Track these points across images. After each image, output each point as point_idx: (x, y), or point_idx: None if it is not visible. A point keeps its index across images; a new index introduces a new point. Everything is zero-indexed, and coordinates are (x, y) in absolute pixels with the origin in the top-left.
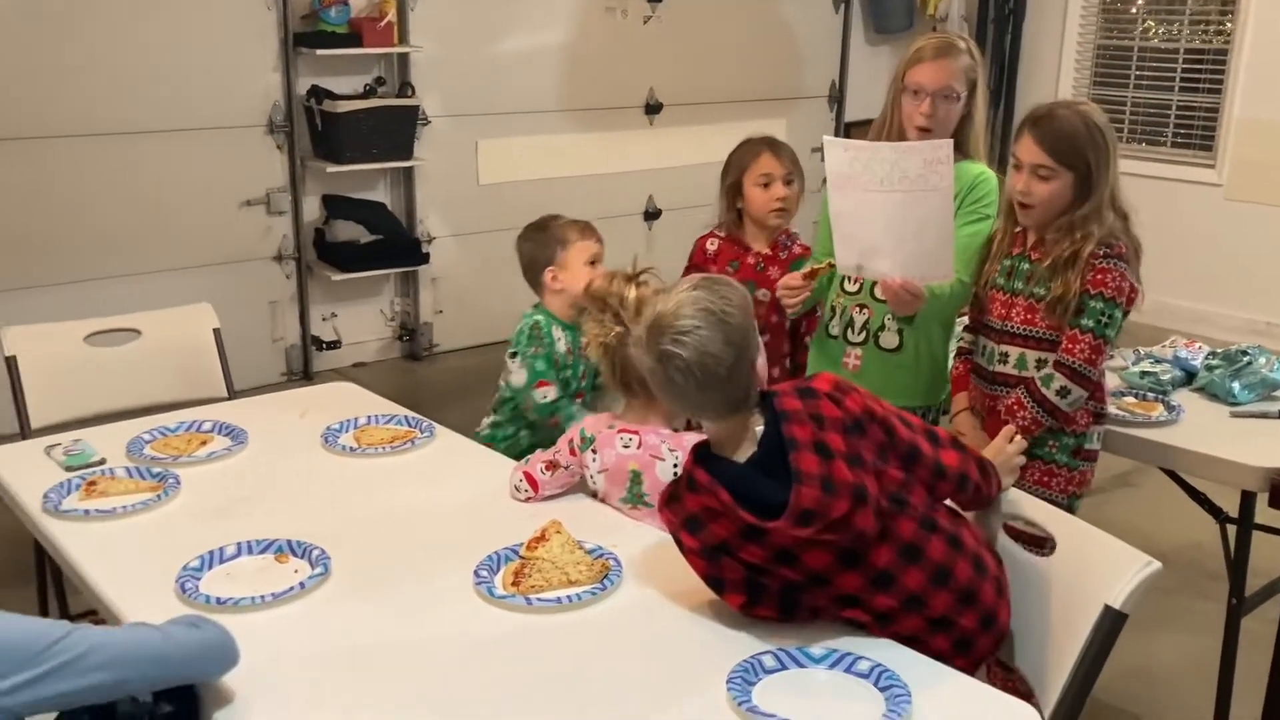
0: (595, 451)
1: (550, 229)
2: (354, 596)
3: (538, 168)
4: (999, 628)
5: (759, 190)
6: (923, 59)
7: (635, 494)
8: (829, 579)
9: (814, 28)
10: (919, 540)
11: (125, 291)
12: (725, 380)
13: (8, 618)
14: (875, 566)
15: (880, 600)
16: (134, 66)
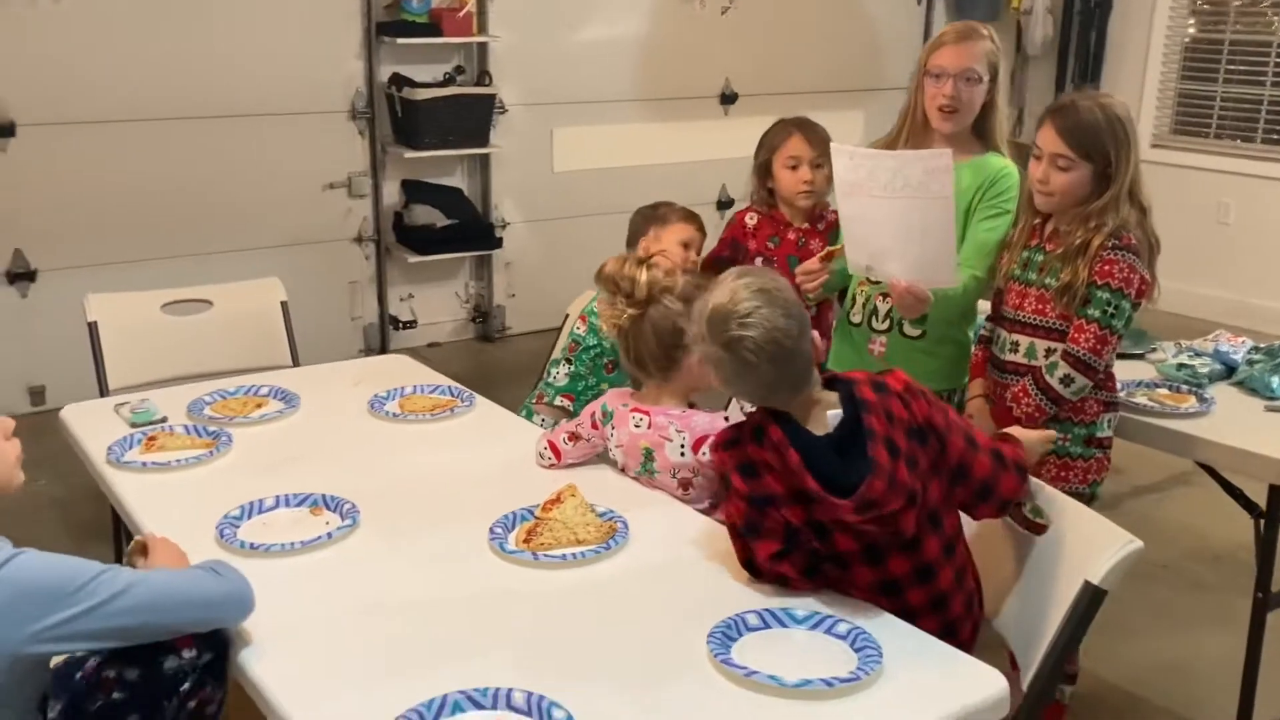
0: (614, 427)
1: (658, 208)
2: (376, 548)
3: (611, 156)
4: (957, 641)
5: (787, 172)
6: (944, 43)
7: (648, 469)
8: (847, 564)
9: (895, 19)
10: (936, 564)
11: (212, 269)
12: (793, 354)
13: (46, 557)
14: (890, 572)
15: (881, 599)
16: (225, 54)
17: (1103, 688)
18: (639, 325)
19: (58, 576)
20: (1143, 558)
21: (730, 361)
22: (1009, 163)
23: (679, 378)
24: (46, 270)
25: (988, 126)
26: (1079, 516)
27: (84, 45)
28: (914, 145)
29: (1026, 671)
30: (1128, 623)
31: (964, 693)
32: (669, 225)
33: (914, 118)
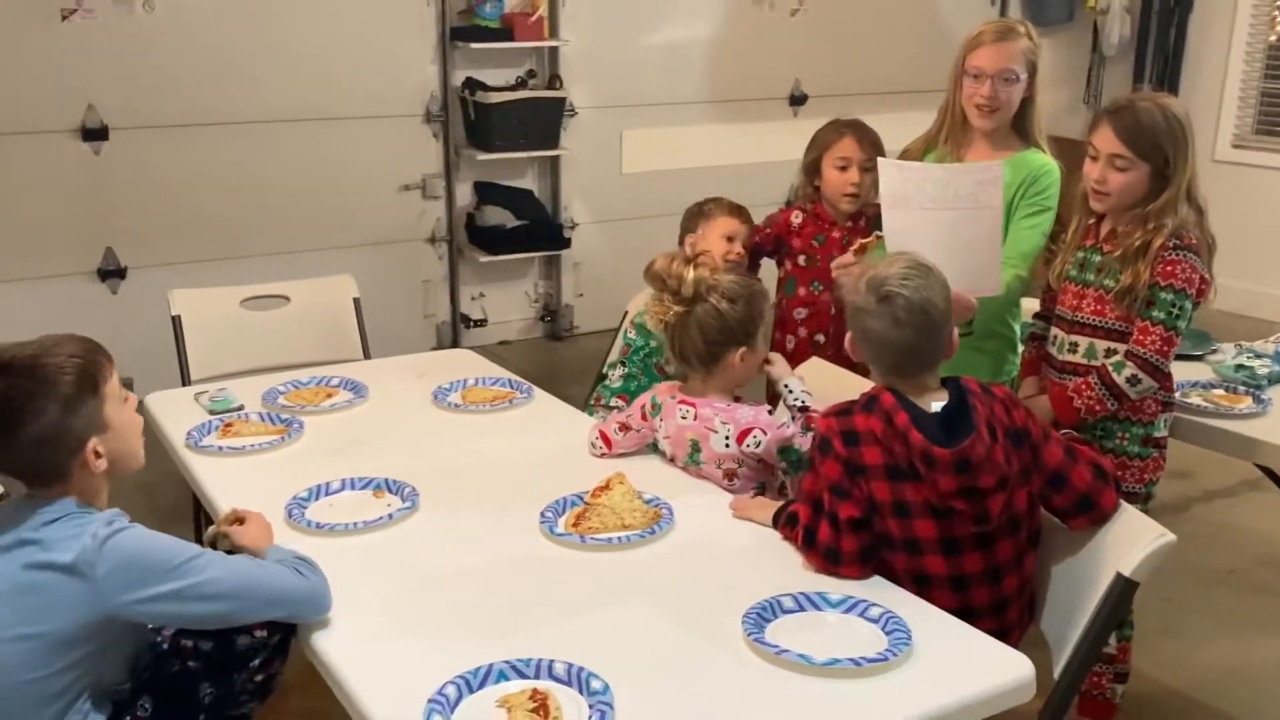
0: (662, 419)
1: (704, 205)
2: (433, 529)
3: (680, 158)
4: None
5: (835, 172)
6: (982, 43)
7: (695, 460)
8: (920, 551)
9: (968, 19)
10: (1005, 568)
11: (291, 266)
12: (936, 331)
13: (153, 534)
14: (963, 567)
15: (940, 594)
16: (305, 59)
17: (1161, 691)
18: (685, 322)
19: (159, 553)
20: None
21: (881, 316)
22: (1049, 159)
23: (721, 373)
24: (135, 268)
25: (1027, 122)
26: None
27: (174, 52)
28: (953, 142)
29: (1058, 662)
30: (1190, 627)
31: (990, 675)
32: (713, 220)
33: (953, 115)
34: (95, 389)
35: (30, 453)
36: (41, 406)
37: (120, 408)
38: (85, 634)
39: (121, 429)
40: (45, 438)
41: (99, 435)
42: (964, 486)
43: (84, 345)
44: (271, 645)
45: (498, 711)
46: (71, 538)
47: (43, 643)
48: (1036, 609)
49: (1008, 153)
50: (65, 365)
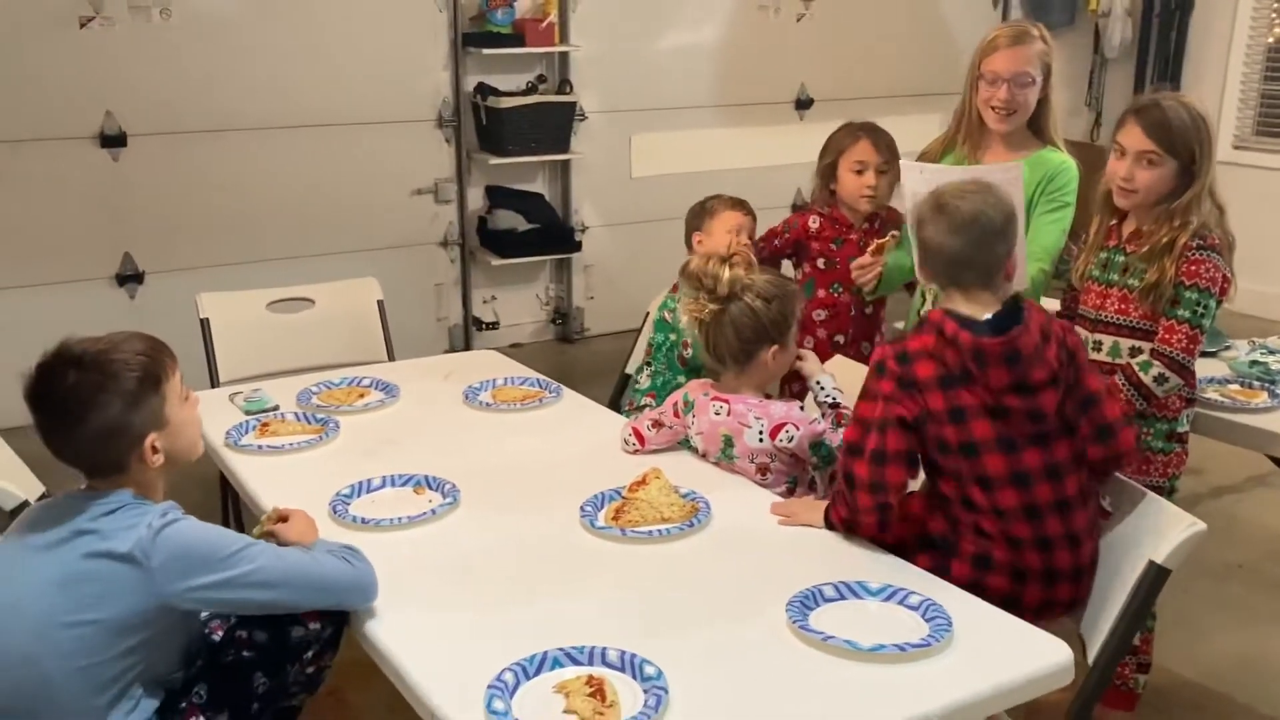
0: (694, 415)
1: (706, 202)
2: (477, 523)
3: (689, 161)
4: (1051, 591)
5: (852, 175)
6: (998, 48)
7: (728, 455)
8: (978, 453)
9: (971, 23)
10: (1065, 469)
11: (306, 270)
12: (990, 242)
13: (204, 525)
14: (1021, 463)
15: (1003, 493)
16: (320, 66)
17: (1176, 682)
18: (719, 320)
19: (211, 543)
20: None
21: (936, 224)
22: (1066, 156)
23: (754, 371)
24: (153, 273)
25: (1043, 122)
26: (1144, 502)
27: (190, 59)
28: (971, 144)
29: (1092, 650)
30: (1203, 620)
31: (1029, 660)
32: (717, 216)
33: (969, 117)
34: (158, 387)
35: (92, 444)
36: (106, 401)
37: (181, 406)
38: (140, 621)
39: (181, 426)
40: (107, 431)
41: (158, 431)
42: (1016, 381)
43: (150, 344)
44: (325, 638)
45: (555, 697)
46: (128, 528)
47: (99, 629)
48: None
49: (1025, 153)
50: (131, 362)
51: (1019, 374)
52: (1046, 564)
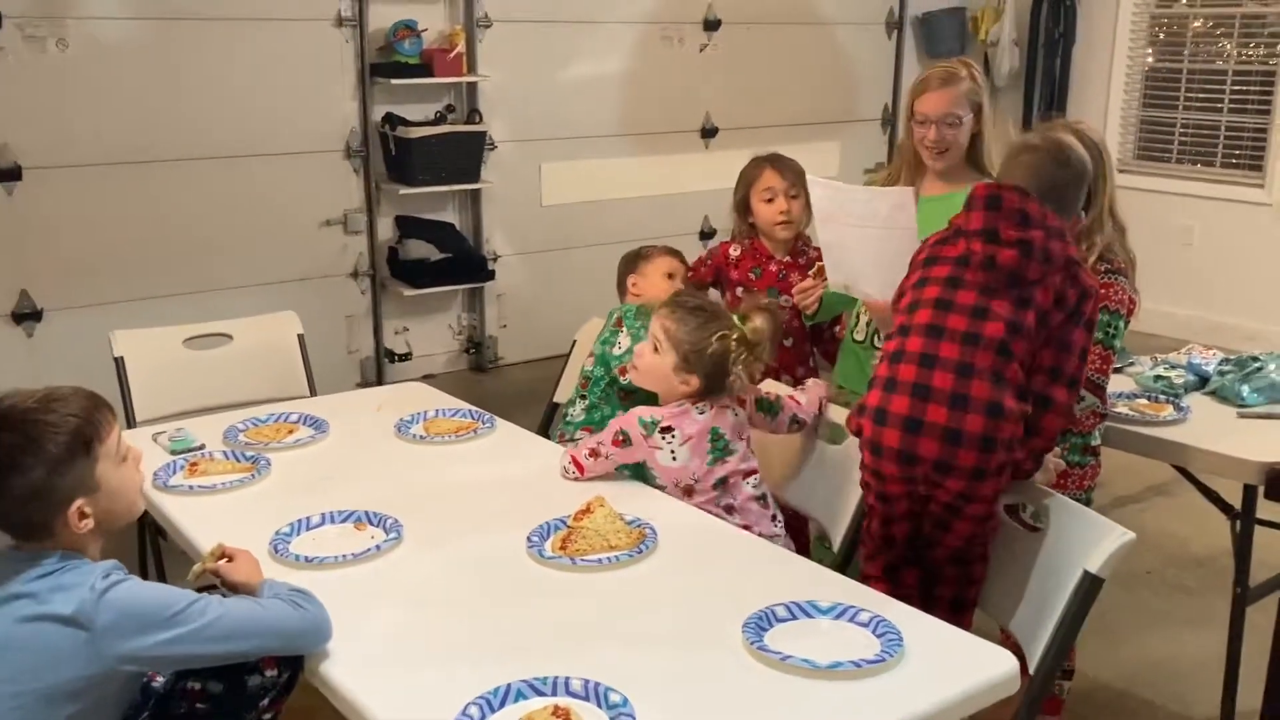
0: (669, 430)
1: (640, 250)
2: (422, 558)
3: (598, 189)
4: (914, 443)
5: (764, 205)
6: (926, 89)
7: (720, 448)
8: (914, 308)
9: (867, 53)
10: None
11: (214, 305)
12: (1061, 190)
13: (147, 585)
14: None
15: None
16: (225, 97)
17: (1095, 686)
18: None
19: (158, 601)
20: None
21: (1022, 159)
22: None
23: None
24: (53, 309)
25: (979, 155)
26: (1075, 515)
27: (89, 91)
28: (909, 179)
29: (1032, 659)
30: (1117, 626)
31: (978, 671)
32: (652, 260)
33: (905, 155)
34: (88, 449)
35: (15, 507)
36: (29, 464)
37: (116, 467)
38: (84, 686)
39: (117, 488)
40: (30, 495)
41: (87, 496)
42: (988, 225)
43: (86, 403)
44: (280, 683)
45: None
46: (68, 590)
47: (39, 697)
48: (991, 599)
49: (962, 185)
50: (60, 425)
51: (992, 220)
52: (915, 413)
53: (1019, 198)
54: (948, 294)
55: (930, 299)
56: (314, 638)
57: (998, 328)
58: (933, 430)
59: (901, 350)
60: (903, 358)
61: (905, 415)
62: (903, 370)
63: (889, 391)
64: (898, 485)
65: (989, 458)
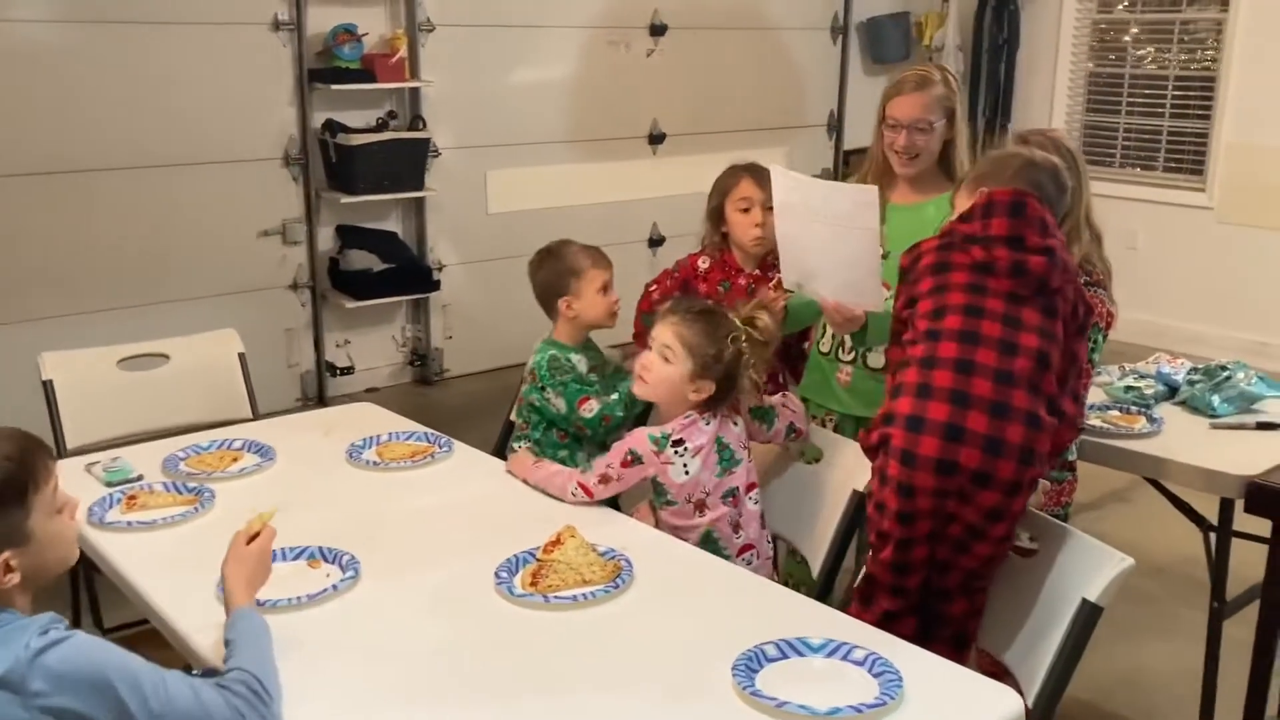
0: (681, 443)
1: (564, 258)
2: (383, 598)
3: (545, 197)
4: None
5: (739, 214)
6: (898, 93)
7: (727, 458)
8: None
9: (813, 59)
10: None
11: (147, 321)
12: (1053, 202)
13: (97, 642)
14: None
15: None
16: (157, 104)
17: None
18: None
19: (106, 667)
20: None
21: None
22: None
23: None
24: None
25: (950, 162)
26: (1070, 540)
27: (9, 97)
28: (878, 185)
29: (1030, 690)
30: None
31: (984, 711)
32: (584, 276)
33: (876, 161)
34: (21, 499)
35: None
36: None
37: (49, 519)
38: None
39: (49, 540)
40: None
41: (15, 549)
42: (1014, 233)
43: (20, 446)
44: None
45: None
46: (11, 642)
47: None
48: (987, 628)
49: (933, 194)
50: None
51: (1018, 226)
52: (955, 419)
53: (1039, 204)
54: (975, 300)
55: (958, 305)
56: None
57: (1032, 337)
58: (974, 439)
59: (934, 356)
60: (936, 363)
61: (945, 422)
62: (938, 376)
63: (923, 398)
64: (927, 500)
65: (1026, 470)
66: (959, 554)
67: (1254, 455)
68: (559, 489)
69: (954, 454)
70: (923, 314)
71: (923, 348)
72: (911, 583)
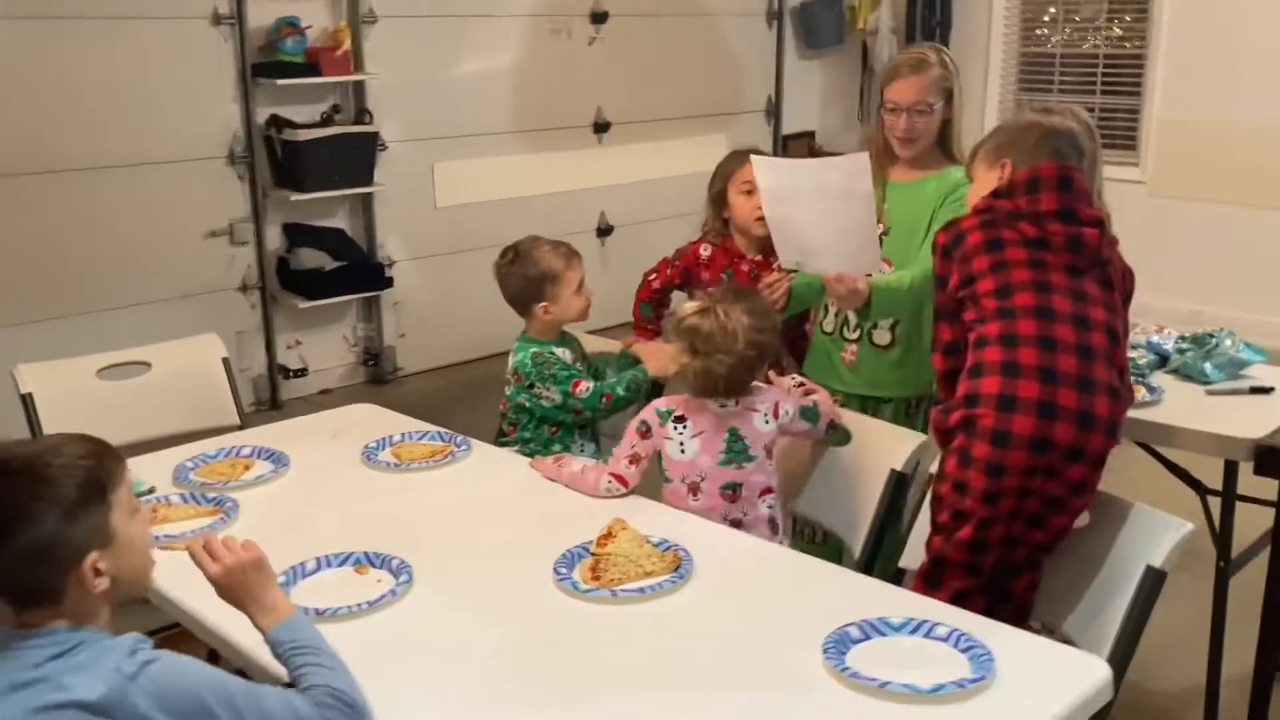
0: (683, 420)
1: (537, 263)
2: (443, 600)
3: (493, 189)
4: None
5: (743, 198)
6: (896, 77)
7: (737, 450)
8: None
9: (750, 45)
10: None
11: (91, 328)
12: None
13: (189, 661)
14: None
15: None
16: (95, 103)
17: None
18: (732, 365)
19: (204, 686)
20: None
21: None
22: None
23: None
24: None
25: (949, 142)
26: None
27: None
28: (879, 165)
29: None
30: None
31: (1075, 681)
32: (560, 280)
33: (877, 143)
34: (103, 496)
35: (22, 566)
36: (39, 513)
37: (129, 520)
38: None
39: (130, 542)
40: (40, 549)
41: (101, 550)
42: (1064, 206)
43: (93, 446)
44: None
45: None
46: (89, 670)
47: None
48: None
49: (933, 169)
50: (72, 467)
51: (1068, 200)
52: (1046, 396)
53: (1082, 176)
54: (1040, 275)
55: (1025, 281)
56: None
57: (1098, 310)
58: (1067, 414)
59: (1014, 334)
60: (1018, 341)
61: (1038, 400)
62: (1022, 354)
63: (1011, 376)
64: (1015, 478)
65: (1111, 442)
66: (1032, 529)
67: (1254, 419)
68: (590, 486)
69: (1048, 431)
70: (986, 293)
71: (998, 326)
72: (988, 560)
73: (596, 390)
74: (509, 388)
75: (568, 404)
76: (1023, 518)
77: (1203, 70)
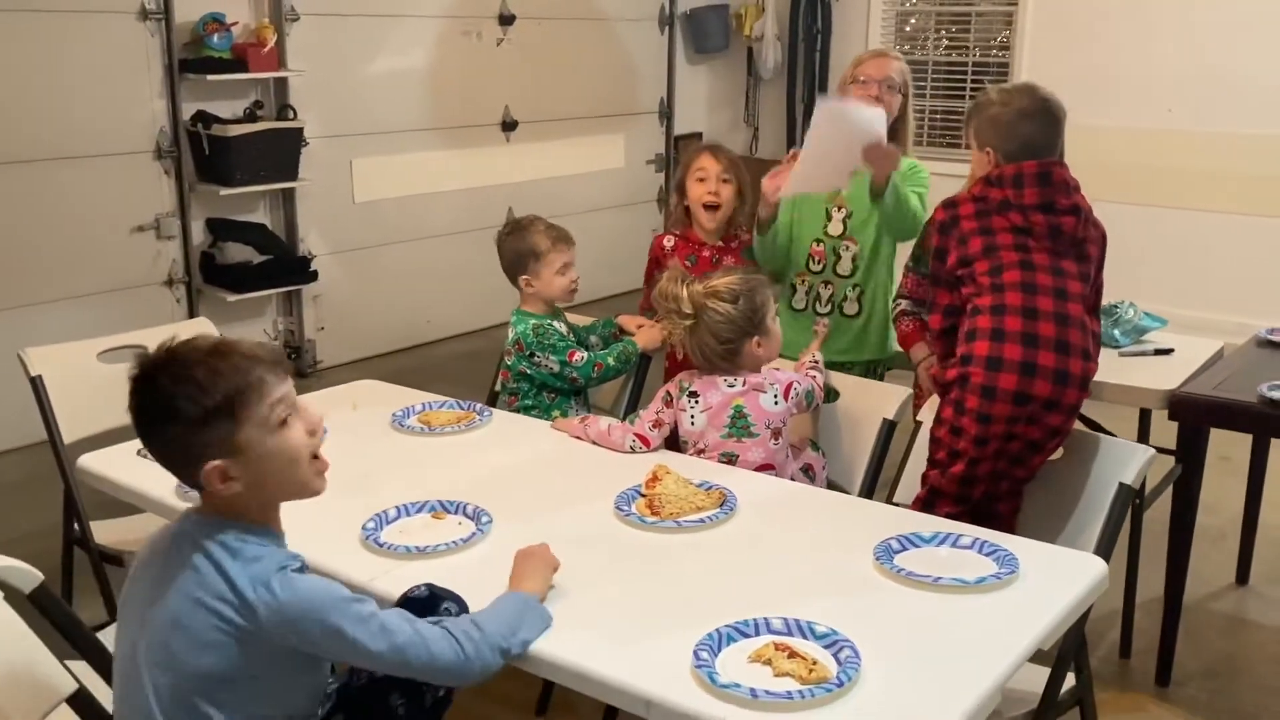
0: (696, 395)
1: (526, 238)
2: (525, 538)
3: (408, 184)
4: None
5: (696, 184)
6: (865, 60)
7: (740, 427)
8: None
9: (644, 48)
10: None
11: (19, 322)
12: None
13: (326, 582)
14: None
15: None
16: (19, 96)
17: None
18: (696, 331)
19: (332, 602)
20: None
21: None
22: (915, 161)
23: (746, 363)
24: None
25: (900, 135)
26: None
27: None
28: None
29: None
30: None
31: (1083, 574)
32: (543, 259)
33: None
34: (231, 412)
35: (166, 452)
36: (175, 411)
37: (268, 434)
38: (242, 670)
39: (263, 457)
40: (173, 443)
41: (227, 459)
42: (1045, 200)
43: (248, 359)
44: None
45: (751, 666)
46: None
47: (195, 676)
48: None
49: None
50: (208, 382)
51: (1048, 194)
52: (1028, 358)
53: (1059, 168)
54: (1025, 256)
55: (1013, 261)
56: (457, 680)
57: (1075, 283)
58: (1045, 373)
59: (1002, 305)
60: (1005, 311)
61: (1020, 360)
62: (1008, 322)
63: (998, 340)
64: (1000, 426)
65: (1084, 395)
66: (1014, 466)
67: (1163, 375)
68: (617, 443)
69: (1029, 387)
70: (982, 272)
71: (990, 298)
72: (976, 492)
73: (590, 360)
74: (509, 358)
75: (563, 372)
76: (1006, 457)
77: (1063, 78)
